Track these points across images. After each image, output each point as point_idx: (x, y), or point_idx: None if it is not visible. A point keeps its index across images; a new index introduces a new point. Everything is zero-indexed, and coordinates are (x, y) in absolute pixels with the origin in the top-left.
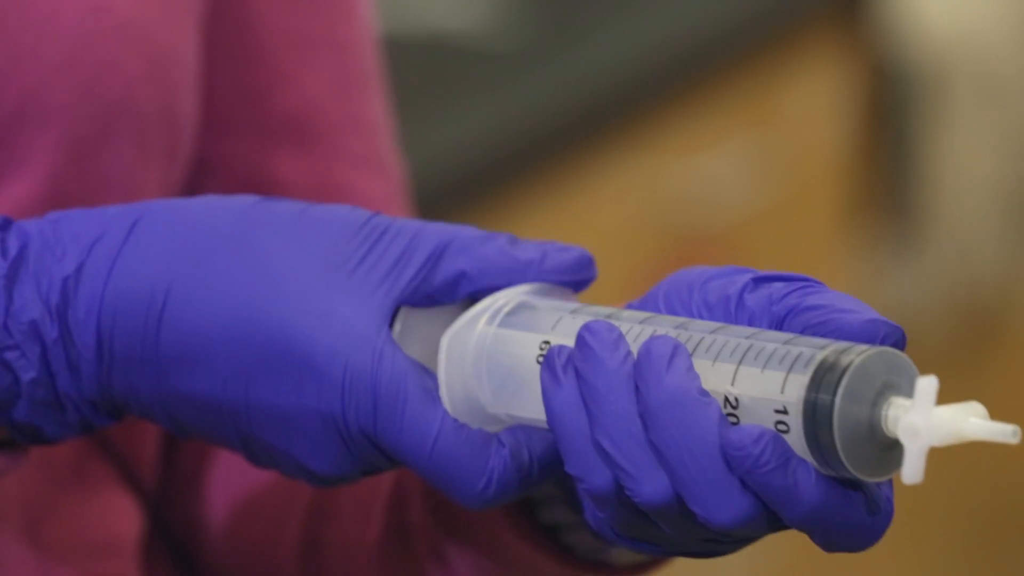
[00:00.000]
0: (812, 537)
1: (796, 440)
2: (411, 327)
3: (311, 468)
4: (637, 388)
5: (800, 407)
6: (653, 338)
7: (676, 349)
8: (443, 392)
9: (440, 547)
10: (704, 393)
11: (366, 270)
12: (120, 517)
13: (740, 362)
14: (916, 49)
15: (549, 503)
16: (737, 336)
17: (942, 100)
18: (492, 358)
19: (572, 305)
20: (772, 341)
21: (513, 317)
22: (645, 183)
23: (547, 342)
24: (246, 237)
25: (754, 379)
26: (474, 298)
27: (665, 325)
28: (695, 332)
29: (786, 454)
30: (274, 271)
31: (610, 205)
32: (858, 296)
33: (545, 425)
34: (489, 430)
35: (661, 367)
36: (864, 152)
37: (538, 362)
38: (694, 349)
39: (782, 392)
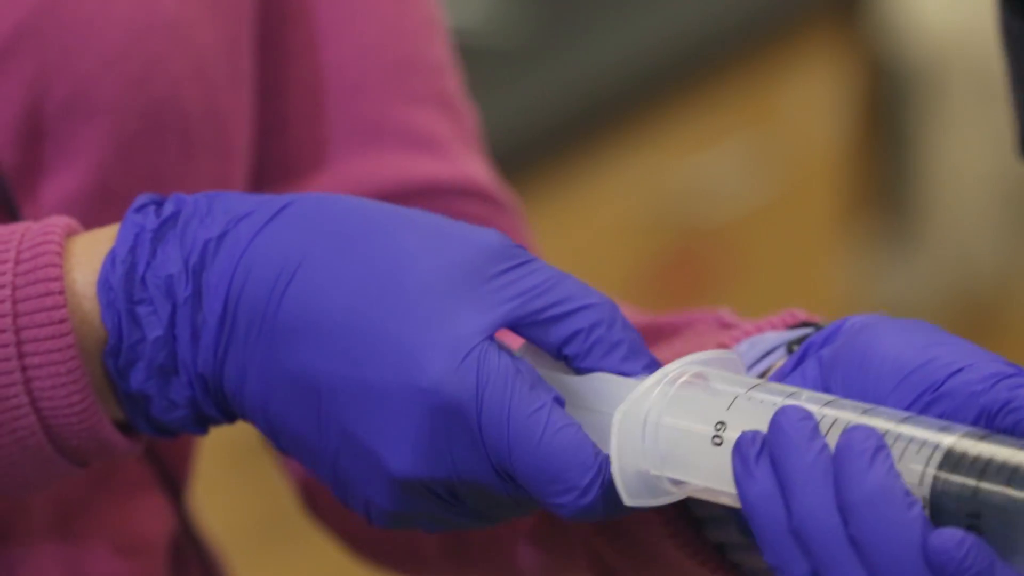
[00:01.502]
0: None
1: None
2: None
3: (388, 462)
4: (836, 483)
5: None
6: (854, 429)
7: (879, 443)
8: (614, 458)
9: (601, 552)
10: (907, 493)
11: (494, 288)
12: (153, 517)
13: (927, 463)
14: (913, 47)
15: (717, 522)
16: (931, 428)
17: (939, 98)
18: (664, 431)
19: (749, 381)
20: (968, 437)
21: (686, 391)
22: (644, 180)
23: (722, 423)
24: (389, 231)
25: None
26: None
27: (850, 411)
28: (883, 421)
29: (990, 558)
30: (406, 266)
31: (609, 202)
32: (855, 292)
33: (717, 493)
34: (656, 503)
35: (864, 462)
36: (862, 149)
37: (714, 443)
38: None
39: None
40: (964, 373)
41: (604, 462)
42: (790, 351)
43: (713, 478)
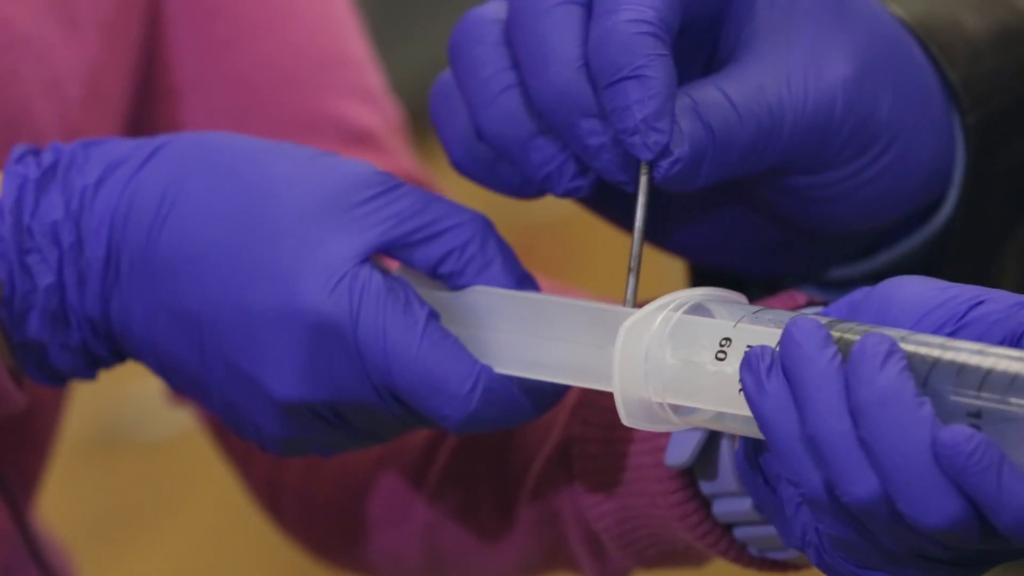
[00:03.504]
0: None
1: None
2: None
3: (270, 387)
4: (848, 385)
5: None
6: (868, 335)
7: (892, 347)
8: (616, 381)
9: (600, 535)
10: (918, 393)
11: (364, 213)
12: None
13: (931, 368)
14: None
15: (725, 499)
16: (934, 343)
17: None
18: (665, 357)
19: (751, 308)
20: (1006, 357)
21: (688, 318)
22: None
23: (727, 339)
24: (259, 162)
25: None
26: (450, 283)
27: (857, 330)
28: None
29: (999, 455)
30: (277, 194)
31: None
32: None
33: (722, 418)
34: (657, 429)
35: (875, 364)
36: None
37: (717, 359)
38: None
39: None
40: (985, 304)
41: (482, 371)
42: None
43: (716, 399)
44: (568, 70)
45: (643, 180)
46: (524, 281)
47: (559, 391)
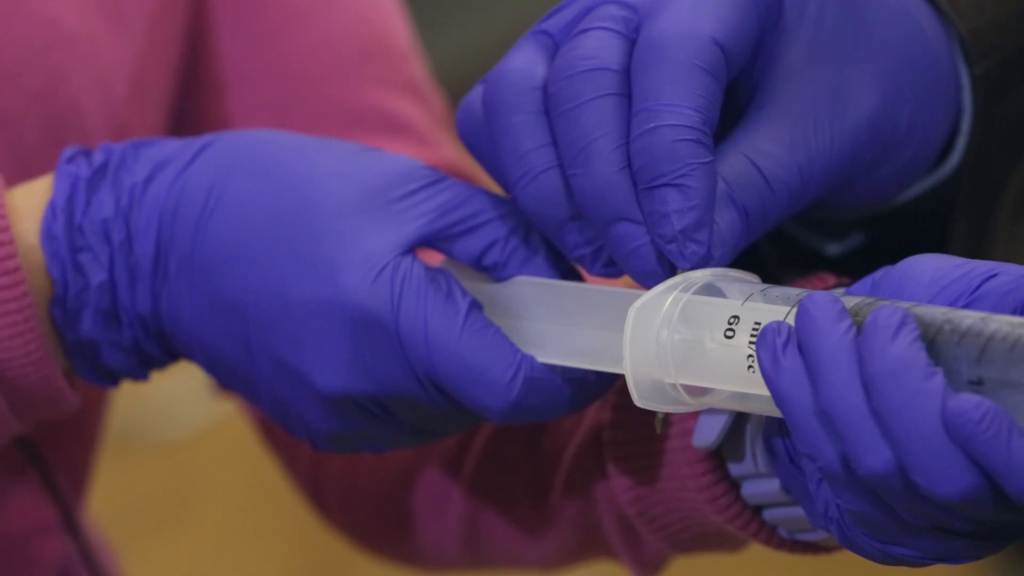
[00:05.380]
0: None
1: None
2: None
3: (314, 380)
4: (860, 357)
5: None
6: (880, 307)
7: (904, 319)
8: (627, 362)
9: (632, 521)
10: (929, 364)
11: (406, 206)
12: (44, 536)
13: (936, 334)
14: None
15: (754, 480)
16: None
17: None
18: (676, 337)
19: (761, 285)
20: (1007, 323)
21: (698, 297)
22: None
23: (736, 316)
24: (302, 157)
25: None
26: (491, 272)
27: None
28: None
29: (1008, 423)
30: (319, 188)
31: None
32: None
33: (734, 397)
34: (670, 410)
35: (887, 336)
36: None
37: (726, 336)
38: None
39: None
40: (998, 277)
41: (524, 360)
42: None
43: (726, 377)
44: (609, 171)
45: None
46: (568, 273)
47: (604, 383)
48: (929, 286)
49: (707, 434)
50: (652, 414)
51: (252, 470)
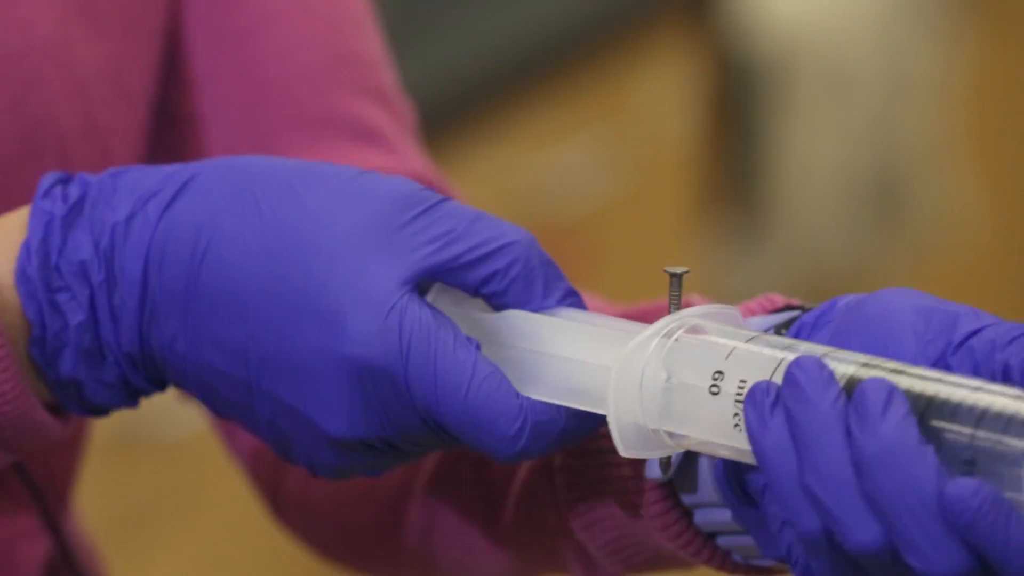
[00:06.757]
0: None
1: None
2: (441, 304)
3: (324, 426)
4: (850, 432)
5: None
6: (870, 380)
7: (892, 393)
8: (610, 412)
9: (586, 546)
10: (922, 442)
11: (406, 236)
12: (26, 541)
13: (925, 408)
14: (761, 42)
15: (707, 508)
16: (928, 377)
17: (787, 92)
18: (661, 384)
19: (746, 333)
20: (1002, 395)
21: (683, 344)
22: (496, 176)
23: (720, 372)
24: (297, 190)
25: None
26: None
27: (850, 362)
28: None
29: (1007, 508)
30: (317, 226)
31: (462, 198)
32: (706, 286)
33: (714, 446)
34: (653, 455)
35: (877, 412)
36: (712, 144)
37: (711, 392)
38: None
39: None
40: (983, 333)
41: (529, 407)
42: (778, 335)
43: (711, 431)
44: None
45: None
46: (567, 297)
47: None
48: (911, 337)
49: (659, 466)
50: (602, 440)
51: None
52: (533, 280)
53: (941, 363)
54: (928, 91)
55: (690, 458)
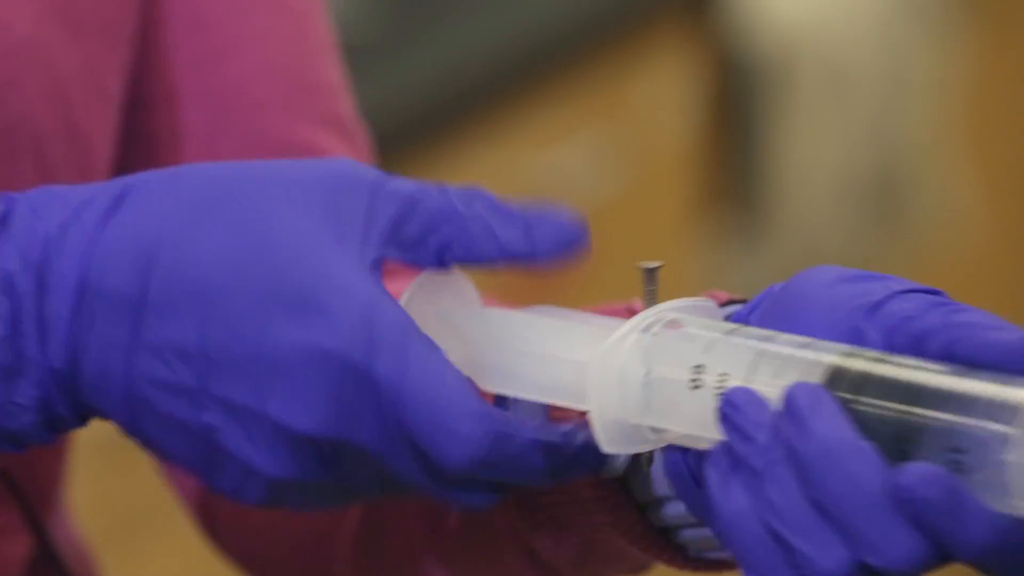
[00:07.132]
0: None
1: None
2: (418, 301)
3: (287, 422)
4: (787, 445)
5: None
6: (796, 386)
7: (816, 394)
8: (592, 409)
9: (536, 548)
10: (856, 438)
11: (362, 224)
12: (6, 539)
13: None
14: (761, 41)
15: (658, 504)
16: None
17: (787, 92)
18: (641, 380)
19: (725, 326)
20: (978, 380)
21: (662, 338)
22: (495, 175)
23: (700, 366)
24: (247, 186)
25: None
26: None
27: (832, 352)
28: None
29: (958, 488)
30: (274, 218)
31: None
32: (705, 286)
33: (695, 440)
34: (635, 450)
35: (806, 416)
36: (711, 144)
37: (693, 387)
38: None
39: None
40: (898, 299)
41: (494, 415)
42: None
43: (693, 424)
44: None
45: None
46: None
47: (582, 458)
48: (826, 305)
49: (611, 461)
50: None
51: None
52: (491, 236)
53: (854, 330)
54: (928, 91)
55: (639, 458)
